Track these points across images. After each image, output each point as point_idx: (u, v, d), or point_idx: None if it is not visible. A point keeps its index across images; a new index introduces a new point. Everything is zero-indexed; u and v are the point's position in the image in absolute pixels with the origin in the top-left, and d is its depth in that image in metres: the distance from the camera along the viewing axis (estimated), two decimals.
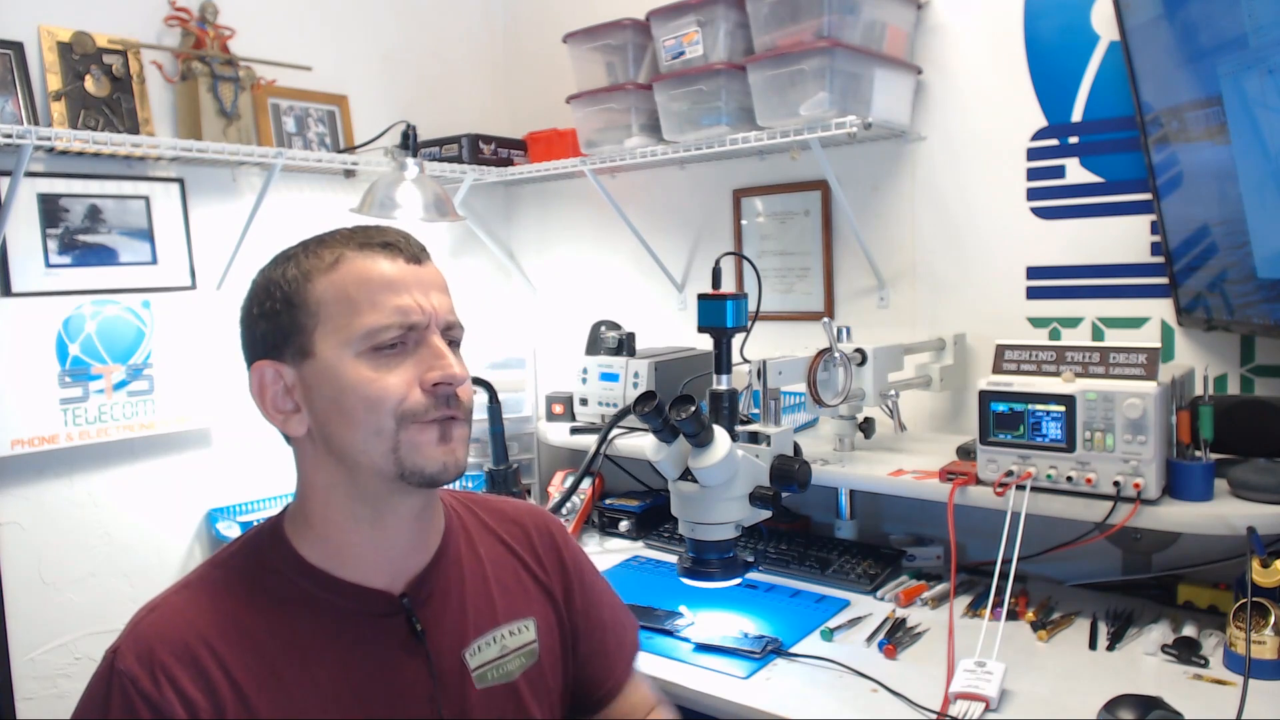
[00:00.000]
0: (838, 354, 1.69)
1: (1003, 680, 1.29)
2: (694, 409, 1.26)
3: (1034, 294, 1.86)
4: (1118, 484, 1.40)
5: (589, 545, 2.12)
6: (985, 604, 1.58)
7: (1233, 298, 1.48)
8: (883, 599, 1.68)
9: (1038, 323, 1.86)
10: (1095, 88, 1.74)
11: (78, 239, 1.86)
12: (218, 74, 1.99)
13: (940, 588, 1.67)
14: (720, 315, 1.40)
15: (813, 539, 1.94)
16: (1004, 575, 1.46)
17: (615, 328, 2.25)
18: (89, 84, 1.83)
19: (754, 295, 1.51)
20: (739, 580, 1.44)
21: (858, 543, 1.91)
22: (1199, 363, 1.66)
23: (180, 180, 2.01)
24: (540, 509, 1.18)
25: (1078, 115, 1.77)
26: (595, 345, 2.25)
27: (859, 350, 1.75)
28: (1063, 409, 1.45)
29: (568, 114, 2.22)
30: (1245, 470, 1.40)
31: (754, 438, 1.42)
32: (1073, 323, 1.82)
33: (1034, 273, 1.85)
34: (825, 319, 1.73)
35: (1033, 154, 1.83)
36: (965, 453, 1.68)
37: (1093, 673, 1.37)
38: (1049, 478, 1.46)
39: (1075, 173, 1.78)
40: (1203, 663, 1.36)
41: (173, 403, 1.98)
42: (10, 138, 1.57)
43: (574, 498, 2.16)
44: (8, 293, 1.77)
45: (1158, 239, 1.67)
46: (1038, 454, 1.47)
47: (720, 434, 1.32)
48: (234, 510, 2.08)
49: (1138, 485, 1.38)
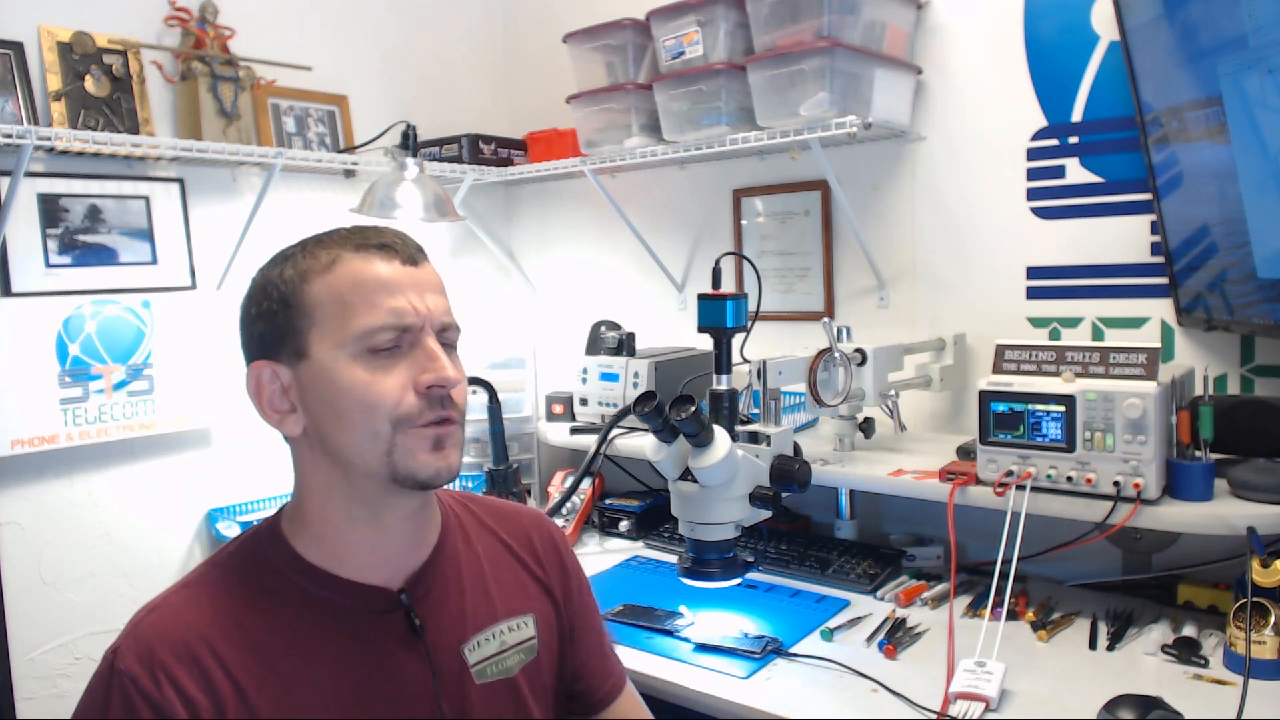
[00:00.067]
0: (838, 354, 1.69)
1: (1003, 680, 1.29)
2: (694, 409, 1.26)
3: (1034, 294, 1.86)
4: (1118, 484, 1.40)
5: (589, 545, 2.12)
6: (985, 604, 1.58)
7: (1233, 298, 1.48)
8: (883, 599, 1.68)
9: (1038, 323, 1.86)
10: (1095, 88, 1.74)
11: (78, 239, 1.86)
12: (218, 74, 1.99)
13: (940, 588, 1.67)
14: (720, 315, 1.40)
15: (813, 539, 1.94)
16: (1004, 575, 1.46)
17: (615, 328, 2.25)
18: (89, 84, 1.83)
19: (754, 295, 1.51)
20: (739, 580, 1.44)
21: (858, 543, 1.91)
22: (1199, 363, 1.66)
23: (180, 180, 2.01)
24: (541, 514, 1.19)
25: (1078, 115, 1.77)
26: (595, 345, 2.25)
27: (859, 350, 1.75)
28: (1063, 409, 1.45)
29: (568, 114, 2.22)
30: (1245, 470, 1.40)
31: (754, 438, 1.42)
32: (1073, 323, 1.82)
33: (1034, 273, 1.85)
34: (825, 319, 1.73)
35: (1033, 154, 1.83)
36: (965, 453, 1.68)
37: (1093, 673, 1.37)
38: (1049, 478, 1.46)
39: (1075, 173, 1.78)
40: (1203, 663, 1.36)
41: (173, 403, 1.98)
42: (10, 138, 1.56)
43: (574, 498, 2.16)
44: (8, 293, 1.77)
45: (1158, 239, 1.67)
46: (1038, 454, 1.47)
47: (720, 434, 1.32)
48: (234, 510, 2.08)
49: (1138, 485, 1.38)
